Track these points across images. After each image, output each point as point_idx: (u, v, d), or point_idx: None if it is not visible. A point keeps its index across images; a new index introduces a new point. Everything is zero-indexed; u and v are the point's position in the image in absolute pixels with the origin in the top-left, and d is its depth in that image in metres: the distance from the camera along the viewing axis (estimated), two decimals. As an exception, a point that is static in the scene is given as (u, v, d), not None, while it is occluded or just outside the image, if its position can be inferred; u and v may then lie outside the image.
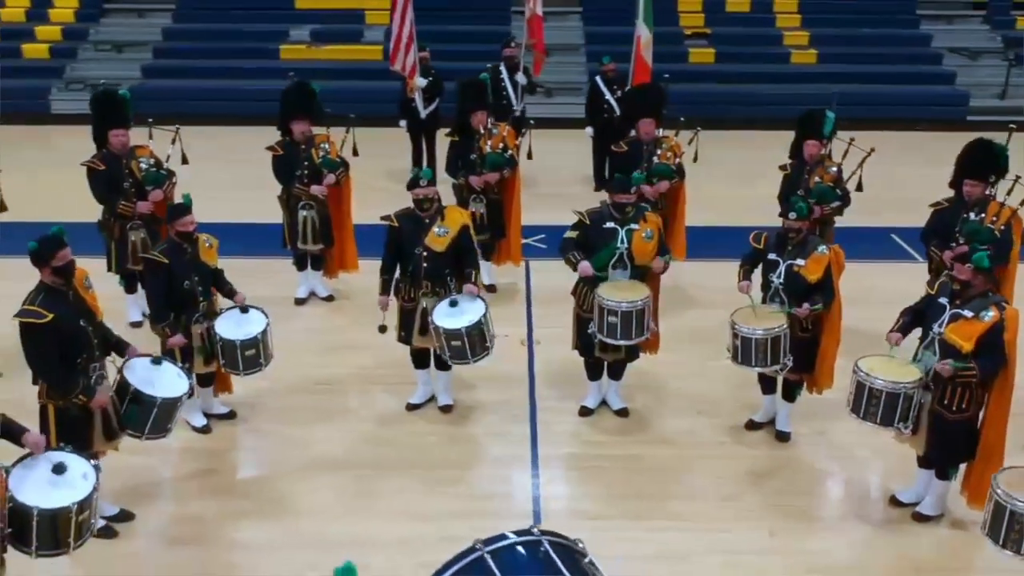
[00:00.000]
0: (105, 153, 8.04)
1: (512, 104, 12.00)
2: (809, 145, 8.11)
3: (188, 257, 6.50)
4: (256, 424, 7.08)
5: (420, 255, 6.75)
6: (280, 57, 16.47)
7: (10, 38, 16.65)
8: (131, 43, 16.66)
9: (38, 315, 5.20)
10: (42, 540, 4.56)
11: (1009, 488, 4.77)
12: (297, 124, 8.51)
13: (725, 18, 17.17)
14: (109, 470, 6.04)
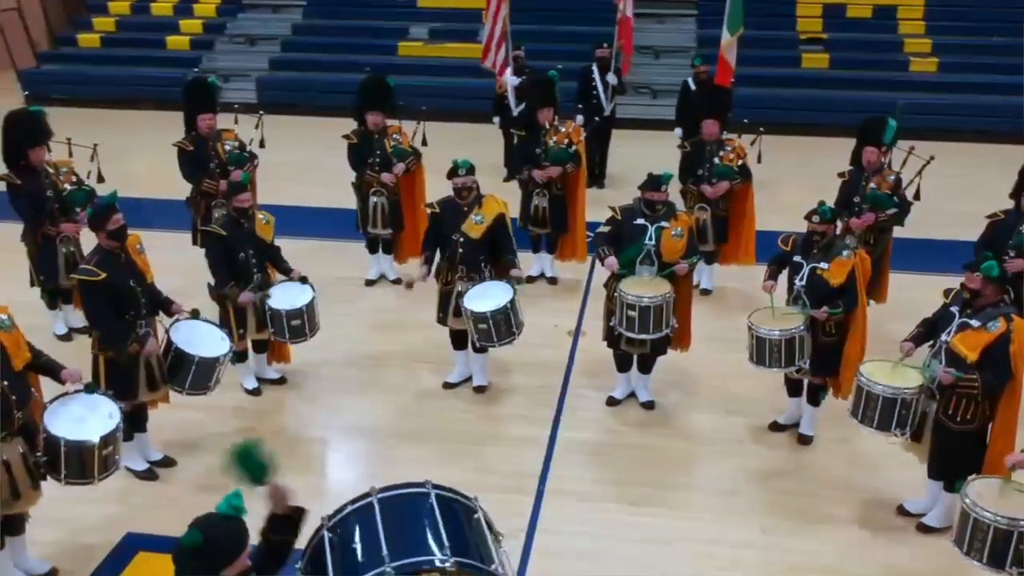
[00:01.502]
0: (194, 135, 8.76)
1: (602, 104, 12.18)
2: (868, 152, 8.00)
3: (244, 231, 7.07)
4: (303, 391, 7.61)
5: (457, 241, 7.12)
6: (398, 53, 17.17)
7: (157, 30, 18.03)
8: (263, 37, 17.71)
9: (93, 274, 5.84)
10: (70, 469, 5.15)
11: (977, 498, 4.72)
12: (371, 115, 9.01)
13: (844, 24, 16.78)
14: (161, 422, 6.78)
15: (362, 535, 3.14)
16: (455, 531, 3.17)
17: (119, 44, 17.90)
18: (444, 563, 3.01)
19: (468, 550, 3.12)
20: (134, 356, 6.04)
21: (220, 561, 3.08)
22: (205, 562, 3.08)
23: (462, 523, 3.27)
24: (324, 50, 17.21)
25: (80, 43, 18.13)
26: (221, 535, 3.14)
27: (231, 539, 3.13)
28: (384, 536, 3.10)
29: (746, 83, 15.65)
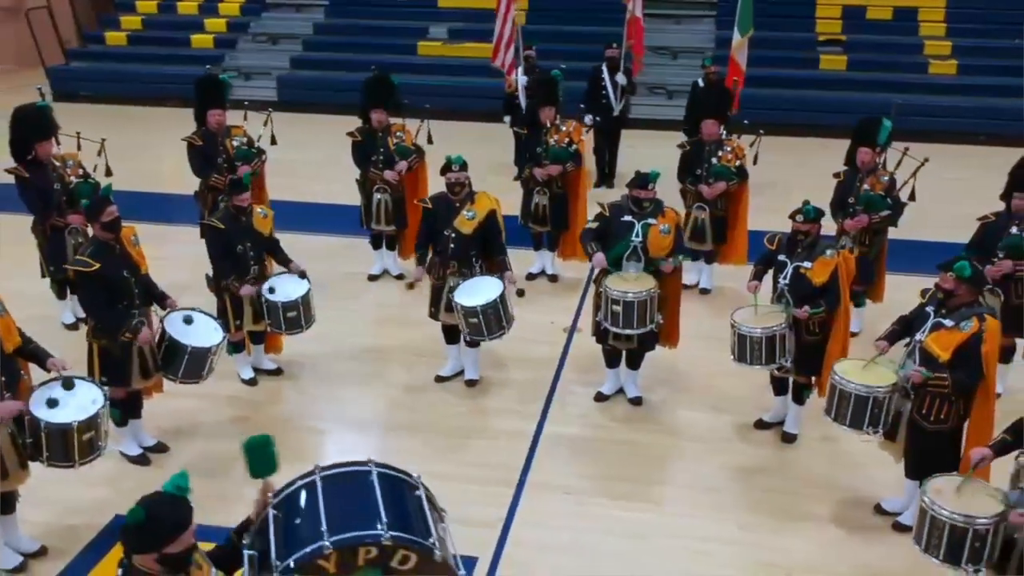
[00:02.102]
0: (203, 131, 8.96)
1: (612, 104, 12.26)
2: (862, 152, 8.01)
3: (243, 225, 7.24)
4: (299, 382, 7.77)
5: (449, 236, 7.24)
6: (417, 53, 17.35)
7: (182, 29, 18.37)
8: (285, 36, 17.97)
9: (87, 264, 6.03)
10: (52, 451, 5.30)
11: (936, 495, 4.76)
12: (375, 113, 9.17)
13: (864, 25, 16.70)
14: (157, 409, 6.97)
15: (304, 511, 3.27)
16: (394, 507, 3.28)
17: (145, 42, 18.26)
18: (381, 537, 3.12)
19: (406, 525, 3.22)
20: (127, 344, 6.21)
21: (163, 537, 3.22)
22: (148, 538, 3.21)
23: (402, 499, 3.38)
24: (345, 49, 17.42)
25: (107, 41, 18.52)
26: (164, 513, 3.27)
27: (174, 517, 3.27)
28: (324, 512, 3.22)
29: (763, 84, 15.67)
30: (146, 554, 3.22)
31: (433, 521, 3.37)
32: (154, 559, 3.22)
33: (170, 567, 3.23)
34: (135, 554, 3.23)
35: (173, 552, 3.22)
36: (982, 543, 4.56)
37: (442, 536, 3.39)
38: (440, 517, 3.56)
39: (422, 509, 3.40)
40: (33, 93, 16.48)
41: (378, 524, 3.16)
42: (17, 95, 18.54)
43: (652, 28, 17.50)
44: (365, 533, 3.14)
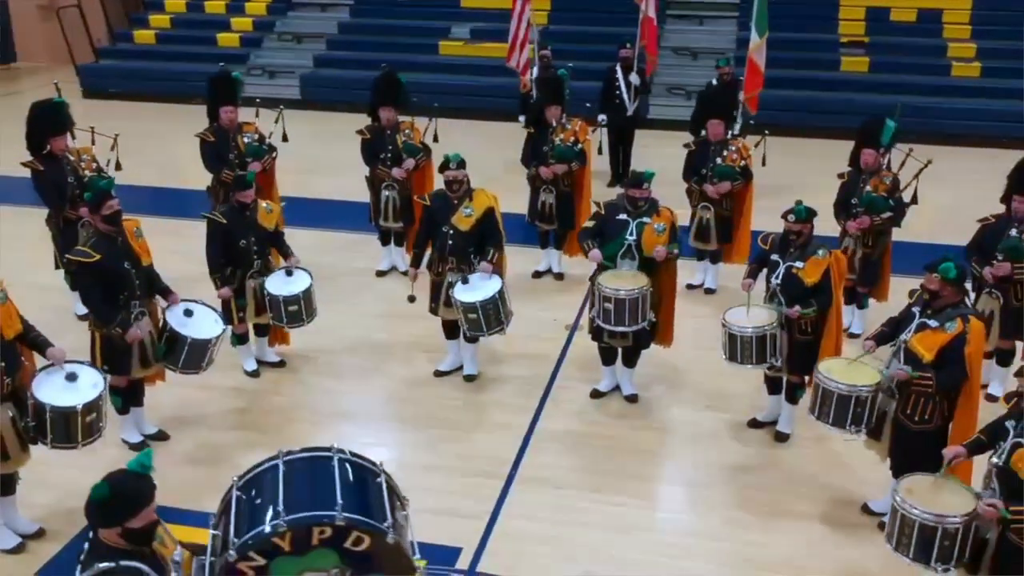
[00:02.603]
0: (216, 127, 9.15)
1: (625, 104, 12.30)
2: (865, 154, 8.01)
3: (246, 219, 7.39)
4: (301, 374, 7.91)
5: (447, 233, 7.34)
6: (439, 53, 17.48)
7: (209, 28, 18.65)
8: (310, 35, 18.19)
9: (87, 255, 6.20)
10: (56, 434, 5.49)
11: (907, 494, 4.78)
12: (384, 111, 9.30)
13: (887, 27, 16.59)
14: (160, 398, 7.14)
15: (264, 492, 3.37)
16: (351, 491, 3.37)
17: (173, 41, 18.56)
18: (335, 518, 3.23)
19: (361, 508, 3.31)
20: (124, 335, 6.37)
21: (125, 512, 3.35)
22: (112, 513, 3.35)
23: (361, 484, 3.47)
24: (367, 49, 17.58)
25: (136, 39, 18.86)
26: (127, 489, 3.41)
27: (136, 493, 3.40)
28: (283, 494, 3.32)
29: (783, 86, 15.63)
30: (110, 528, 3.35)
31: (391, 507, 3.46)
32: (118, 533, 3.35)
33: (133, 541, 3.36)
34: (100, 528, 3.37)
35: (136, 527, 3.35)
36: (951, 542, 4.58)
37: (400, 522, 3.48)
38: (402, 505, 3.66)
39: (381, 494, 3.49)
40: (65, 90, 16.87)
41: (333, 506, 3.26)
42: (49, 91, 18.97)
43: (674, 29, 17.59)
44: (319, 513, 3.24)
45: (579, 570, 5.65)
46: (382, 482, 3.57)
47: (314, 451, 3.58)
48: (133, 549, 3.38)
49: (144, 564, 3.35)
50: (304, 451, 3.59)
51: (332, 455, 3.53)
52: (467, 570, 5.65)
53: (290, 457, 3.53)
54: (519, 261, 9.89)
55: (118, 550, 3.35)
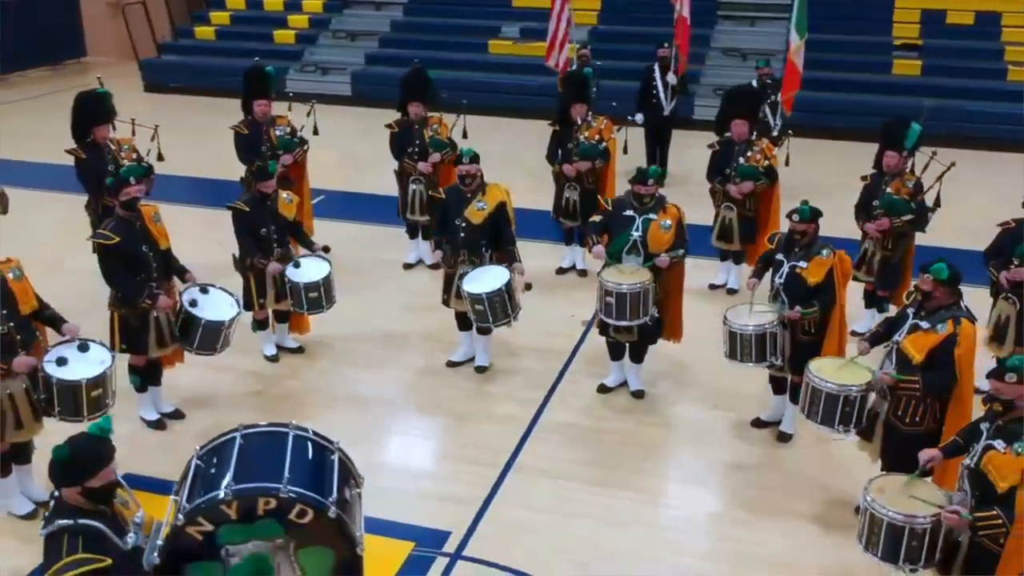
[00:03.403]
0: (249, 120, 9.43)
1: (662, 104, 12.31)
2: (888, 156, 7.95)
3: (267, 209, 7.63)
4: (318, 361, 8.13)
5: (460, 225, 7.49)
6: (488, 51, 17.65)
7: (266, 24, 19.11)
8: (363, 33, 18.51)
9: (107, 237, 6.49)
10: (63, 406, 5.76)
11: (877, 494, 4.77)
12: (412, 106, 9.49)
13: (942, 30, 16.27)
14: (180, 379, 7.42)
15: (219, 463, 3.53)
16: (301, 466, 3.51)
17: (232, 37, 19.04)
18: (279, 490, 3.37)
19: (307, 482, 3.45)
20: (145, 314, 6.64)
21: (85, 472, 3.56)
22: (72, 472, 3.56)
23: (312, 460, 3.61)
24: (418, 47, 17.76)
25: (197, 35, 19.39)
26: (86, 450, 3.62)
27: (95, 454, 3.61)
28: (235, 465, 3.49)
29: (834, 88, 15.46)
30: (71, 487, 3.56)
31: (341, 484, 3.59)
32: (78, 492, 3.56)
33: (93, 500, 3.57)
34: (62, 487, 3.58)
35: (95, 486, 3.55)
36: (919, 542, 4.56)
37: (347, 499, 3.60)
38: (356, 483, 3.80)
39: (331, 471, 3.62)
40: (128, 83, 17.49)
41: (280, 479, 3.40)
42: (113, 85, 19.61)
43: (724, 30, 17.51)
44: (265, 485, 3.39)
45: (565, 558, 5.74)
46: (335, 459, 3.71)
47: (272, 426, 3.73)
48: (93, 508, 3.58)
49: (103, 523, 3.54)
50: (263, 425, 3.74)
51: (288, 431, 3.68)
52: (453, 553, 5.78)
53: (248, 431, 3.69)
54: (544, 257, 10.01)
55: (79, 509, 3.56)
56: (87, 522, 3.52)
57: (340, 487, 3.60)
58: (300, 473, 3.49)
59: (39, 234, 10.34)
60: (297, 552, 3.49)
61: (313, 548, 3.50)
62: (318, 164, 12.54)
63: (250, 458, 3.55)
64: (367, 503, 6.08)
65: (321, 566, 3.52)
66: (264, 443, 3.65)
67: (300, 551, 3.49)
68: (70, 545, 3.44)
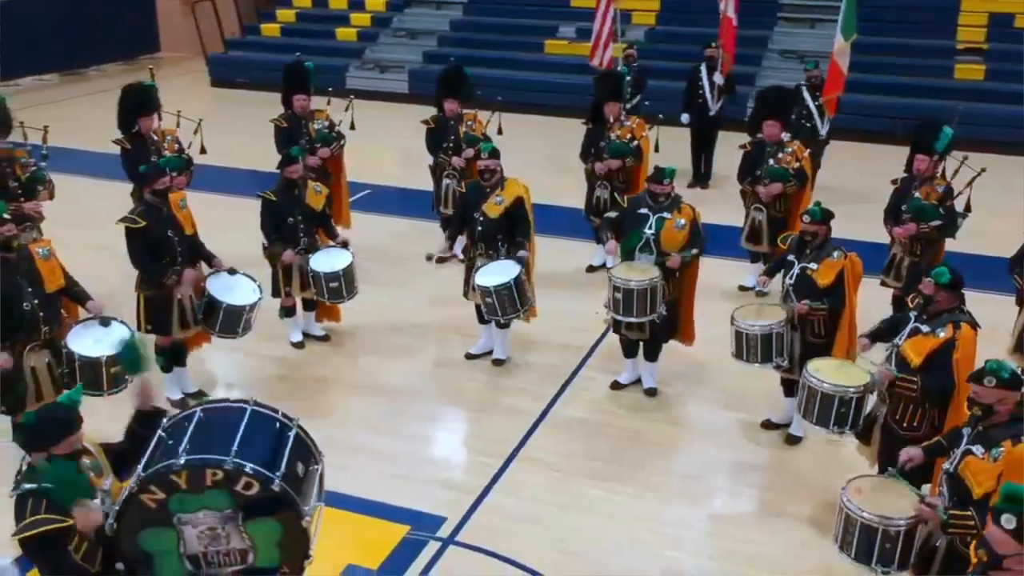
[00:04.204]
0: (289, 114, 9.69)
1: (708, 104, 12.24)
2: (918, 160, 7.81)
3: (294, 198, 7.85)
4: (342, 349, 8.32)
5: (477, 219, 7.60)
6: (544, 51, 17.74)
7: (329, 22, 19.53)
8: (423, 31, 18.78)
9: (134, 221, 6.77)
10: (85, 380, 6.01)
11: (853, 494, 4.73)
12: (448, 102, 9.64)
13: (1009, 34, 15.80)
14: (207, 361, 7.70)
15: (178, 435, 3.70)
16: (251, 440, 3.66)
17: (296, 34, 19.49)
18: (225, 462, 3.53)
19: (254, 456, 3.59)
20: (169, 297, 6.91)
21: (50, 438, 3.76)
22: (39, 438, 3.77)
23: (264, 436, 3.75)
24: (475, 46, 18.03)
25: (263, 32, 19.90)
26: (53, 418, 3.84)
27: (61, 421, 3.81)
28: (190, 436, 3.66)
29: (893, 92, 15.16)
30: (38, 452, 3.77)
31: (292, 459, 3.74)
32: (45, 458, 3.76)
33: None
34: (29, 452, 3.79)
35: (61, 453, 3.75)
36: (892, 545, 4.52)
37: (298, 474, 3.74)
38: (314, 459, 3.93)
39: (284, 447, 3.76)
40: (196, 78, 18.02)
41: (227, 451, 3.57)
42: (183, 79, 20.34)
43: (783, 32, 17.33)
44: (212, 457, 3.55)
45: (555, 548, 5.80)
46: (291, 435, 3.85)
47: (232, 402, 3.91)
48: (60, 474, 3.78)
49: (69, 487, 3.75)
50: (222, 401, 3.93)
51: (247, 407, 3.84)
52: (446, 538, 5.89)
53: (210, 406, 3.86)
54: (575, 255, 10.08)
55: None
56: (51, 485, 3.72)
57: (292, 462, 3.74)
58: (250, 447, 3.65)
59: (96, 219, 10.75)
60: (245, 523, 3.64)
61: (261, 520, 3.65)
62: (369, 159, 12.88)
63: (205, 431, 3.72)
64: (368, 487, 6.33)
65: (268, 537, 3.68)
66: (221, 418, 3.82)
67: (248, 521, 3.64)
68: (34, 507, 3.66)
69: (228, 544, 3.68)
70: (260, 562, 3.74)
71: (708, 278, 9.01)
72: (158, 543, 3.68)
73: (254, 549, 3.71)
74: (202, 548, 3.68)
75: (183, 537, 3.66)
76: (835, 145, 13.12)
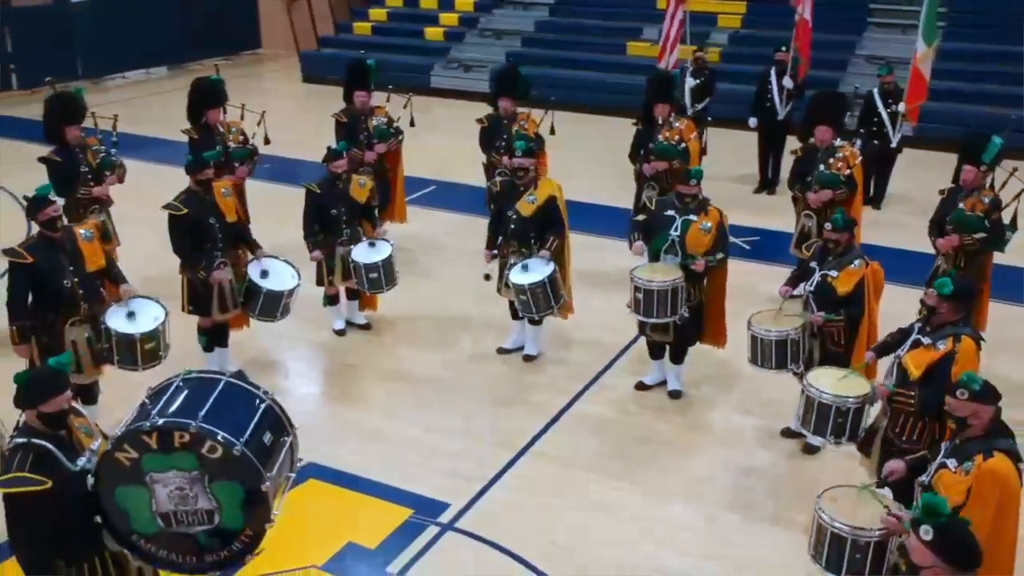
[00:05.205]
0: (349, 109, 10.02)
1: (776, 108, 12.09)
2: (965, 170, 7.59)
3: (338, 191, 8.15)
4: (381, 338, 8.59)
5: (511, 217, 7.75)
6: (626, 53, 17.73)
7: (419, 22, 19.93)
8: (509, 32, 18.99)
9: (176, 208, 7.17)
10: (121, 356, 6.44)
11: (827, 503, 4.68)
12: (502, 101, 9.81)
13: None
14: (251, 343, 8.07)
15: (156, 401, 3.99)
16: (220, 407, 3.92)
17: (387, 33, 19.96)
18: (189, 426, 3.80)
19: (219, 422, 3.85)
20: (208, 280, 7.28)
21: (39, 397, 4.07)
22: (29, 396, 4.08)
23: (234, 404, 4.00)
24: (559, 47, 18.15)
25: (355, 31, 20.44)
26: (42, 379, 4.16)
27: (49, 382, 4.12)
28: (165, 402, 3.94)
29: (977, 101, 14.62)
30: (29, 410, 4.10)
31: (259, 428, 3.97)
32: (35, 415, 4.09)
33: (48, 424, 4.09)
34: (22, 408, 4.13)
35: (48, 411, 4.08)
36: (863, 555, 4.46)
37: (264, 442, 3.97)
38: (285, 432, 4.17)
39: (252, 416, 4.01)
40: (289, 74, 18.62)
41: (195, 416, 3.82)
42: (277, 75, 21.04)
43: (873, 37, 16.93)
44: (180, 420, 3.82)
45: (550, 540, 5.91)
46: (263, 407, 4.09)
47: (209, 373, 4.16)
48: (49, 432, 4.10)
49: (55, 445, 4.06)
50: (202, 372, 4.18)
51: (222, 378, 4.10)
52: (445, 524, 6.07)
53: (189, 376, 4.13)
54: (621, 255, 10.08)
55: (36, 431, 4.09)
56: (39, 442, 4.04)
57: (258, 431, 3.97)
58: (217, 414, 3.90)
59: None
60: (211, 484, 3.89)
61: (226, 482, 3.89)
62: (440, 156, 13.15)
63: (179, 398, 4.00)
64: (380, 470, 6.56)
65: (232, 499, 3.92)
66: (197, 386, 4.09)
67: (214, 483, 3.89)
68: (20, 461, 3.97)
69: (196, 504, 3.94)
70: (225, 523, 3.99)
71: (759, 283, 9.02)
72: (132, 499, 3.97)
73: (220, 510, 3.96)
74: (172, 507, 3.95)
75: (155, 495, 3.93)
76: (917, 155, 12.81)
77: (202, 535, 4.00)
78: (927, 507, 3.56)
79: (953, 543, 3.52)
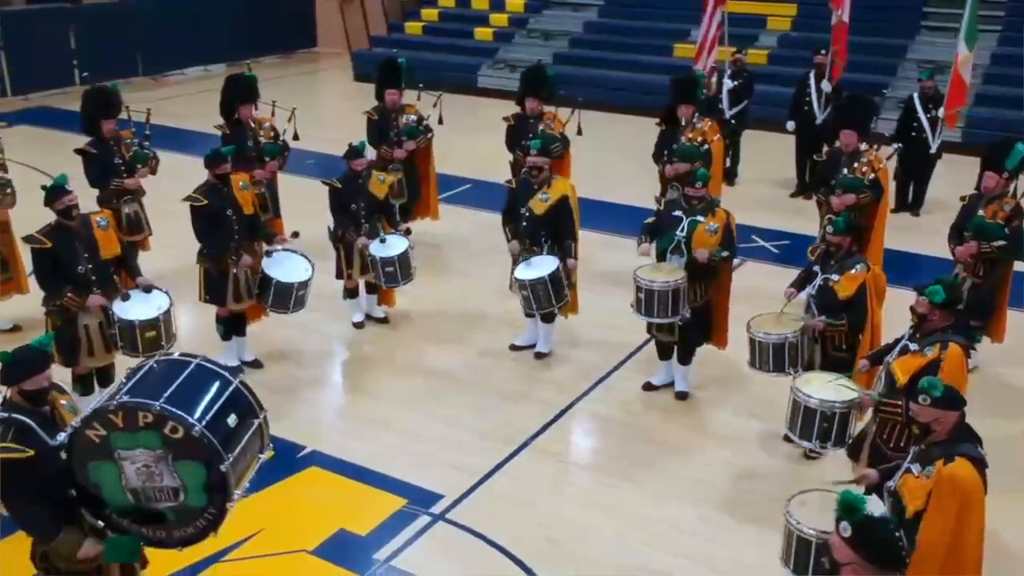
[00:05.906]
0: (380, 107, 10.19)
1: (814, 112, 11.94)
2: (987, 177, 7.47)
3: (358, 186, 8.31)
4: (398, 331, 8.72)
5: (523, 215, 7.82)
6: (672, 55, 17.64)
7: (469, 22, 20.10)
8: (557, 32, 19.05)
9: (197, 199, 7.39)
10: (124, 343, 6.65)
11: (796, 507, 4.67)
12: (529, 100, 9.87)
13: None
14: (269, 334, 8.25)
15: (129, 381, 4.15)
16: (185, 389, 4.05)
17: (438, 33, 20.19)
18: (152, 407, 3.94)
19: (181, 404, 3.97)
20: (225, 271, 7.49)
21: (21, 374, 4.28)
22: (11, 373, 4.29)
23: (199, 387, 4.11)
24: (606, 48, 18.16)
25: (407, 30, 20.69)
26: (24, 358, 4.35)
27: (30, 361, 4.32)
28: (135, 382, 4.09)
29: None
30: (11, 386, 4.31)
31: (224, 410, 4.10)
32: (17, 392, 4.30)
33: (29, 400, 4.30)
34: (7, 386, 4.33)
35: (29, 388, 4.28)
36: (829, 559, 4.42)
37: (228, 424, 4.10)
38: (254, 413, 4.30)
39: (217, 399, 4.13)
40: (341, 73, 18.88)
41: (158, 397, 3.96)
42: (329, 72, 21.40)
43: (925, 41, 16.64)
44: (143, 401, 3.96)
45: (541, 535, 5.96)
46: (229, 390, 4.21)
47: (181, 355, 4.31)
48: (30, 408, 4.30)
49: (35, 420, 4.25)
50: (174, 354, 4.33)
51: (193, 361, 4.23)
52: (437, 514, 6.16)
53: (162, 358, 4.28)
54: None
55: (18, 406, 4.30)
56: (20, 417, 4.24)
57: (222, 413, 4.10)
58: (180, 395, 4.03)
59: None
60: (175, 463, 4.03)
61: (189, 461, 4.03)
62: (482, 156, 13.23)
63: (148, 379, 4.14)
64: (379, 460, 6.68)
65: (195, 478, 4.06)
66: (167, 369, 4.23)
67: (177, 462, 4.03)
68: (1, 434, 4.18)
69: (162, 482, 4.08)
70: (190, 502, 4.12)
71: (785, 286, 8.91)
72: (103, 475, 4.12)
73: (184, 489, 4.10)
74: (140, 483, 4.10)
75: (124, 472, 4.09)
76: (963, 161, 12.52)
77: (168, 511, 4.14)
78: (844, 504, 3.56)
79: (871, 541, 3.51)
